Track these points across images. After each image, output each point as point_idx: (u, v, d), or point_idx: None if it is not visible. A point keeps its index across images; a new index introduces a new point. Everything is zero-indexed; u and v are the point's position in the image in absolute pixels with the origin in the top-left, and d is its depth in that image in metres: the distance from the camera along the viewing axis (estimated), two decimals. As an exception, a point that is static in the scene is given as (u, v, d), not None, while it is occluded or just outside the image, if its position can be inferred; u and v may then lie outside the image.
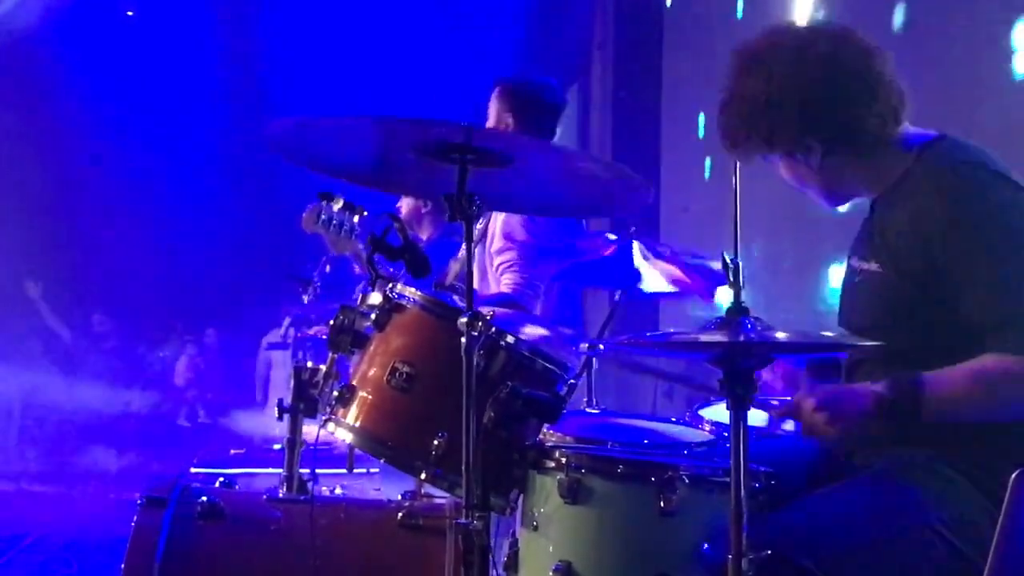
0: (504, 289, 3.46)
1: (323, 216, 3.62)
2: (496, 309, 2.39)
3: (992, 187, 2.11)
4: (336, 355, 2.41)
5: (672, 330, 2.08)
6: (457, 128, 2.07)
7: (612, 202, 2.42)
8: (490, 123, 3.72)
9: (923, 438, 2.10)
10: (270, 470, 4.56)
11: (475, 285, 3.62)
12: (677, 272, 3.46)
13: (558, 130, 3.89)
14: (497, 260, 3.58)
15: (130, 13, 10.99)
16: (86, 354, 11.12)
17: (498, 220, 3.65)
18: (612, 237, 3.48)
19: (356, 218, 3.66)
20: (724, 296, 2.06)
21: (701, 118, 7.43)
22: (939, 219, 2.10)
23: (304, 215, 3.66)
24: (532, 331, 2.73)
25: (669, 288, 3.48)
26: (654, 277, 3.45)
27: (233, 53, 10.92)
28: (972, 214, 2.08)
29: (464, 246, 3.54)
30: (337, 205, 3.56)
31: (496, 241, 3.61)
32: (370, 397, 2.27)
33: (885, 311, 2.21)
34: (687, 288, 3.51)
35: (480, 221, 3.72)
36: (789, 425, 2.65)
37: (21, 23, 9.45)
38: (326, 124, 2.22)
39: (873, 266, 2.25)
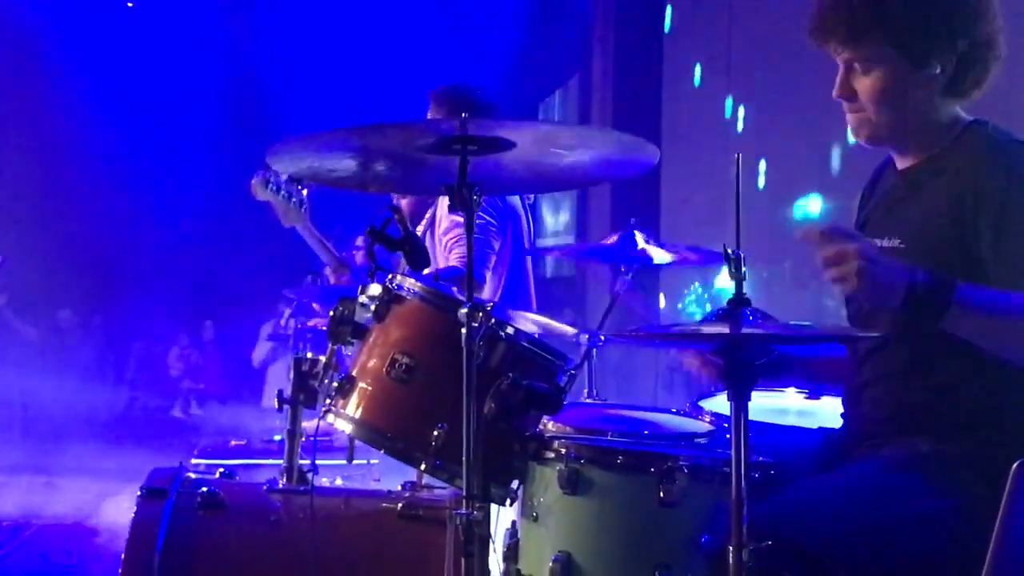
0: (453, 263, 3.53)
1: (271, 184, 3.64)
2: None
3: None
4: (336, 346, 2.41)
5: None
6: (452, 124, 2.07)
7: (615, 169, 2.39)
8: None
9: (926, 427, 2.10)
10: (270, 461, 4.57)
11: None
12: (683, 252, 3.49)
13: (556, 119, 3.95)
14: (446, 239, 3.66)
15: (130, 4, 10.97)
16: (80, 348, 11.14)
17: (443, 205, 3.72)
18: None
19: (304, 191, 3.68)
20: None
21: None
22: (986, 195, 2.03)
23: (253, 182, 3.68)
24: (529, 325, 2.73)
25: (672, 258, 3.50)
26: (660, 253, 3.47)
27: (234, 45, 10.91)
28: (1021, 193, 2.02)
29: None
30: (284, 175, 3.58)
31: (444, 222, 3.70)
32: (370, 388, 2.26)
33: None
34: (692, 260, 3.54)
35: (429, 210, 3.83)
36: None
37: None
38: (323, 139, 2.21)
39: (894, 242, 2.18)
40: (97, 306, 11.37)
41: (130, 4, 11.00)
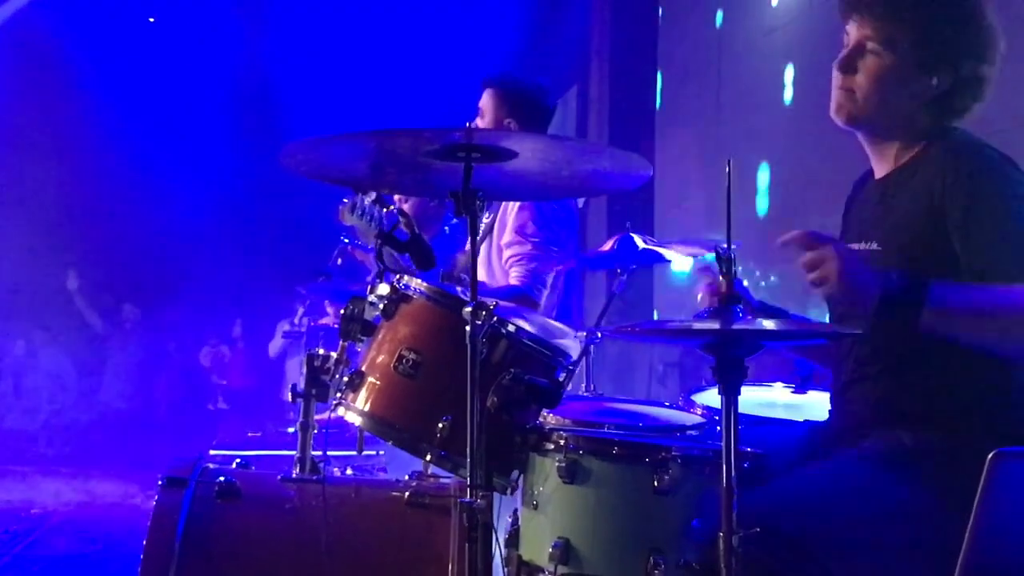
0: (513, 282, 3.44)
1: (358, 208, 3.62)
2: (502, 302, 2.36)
3: (1012, 173, 2.08)
4: (347, 342, 2.40)
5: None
6: (459, 132, 2.06)
7: (611, 182, 2.39)
8: (487, 123, 3.65)
9: (909, 421, 2.10)
10: (285, 452, 4.56)
11: (481, 276, 3.61)
12: (687, 249, 3.46)
13: (555, 129, 3.86)
14: (507, 253, 3.54)
15: (152, 20, 10.99)
16: (113, 342, 11.16)
17: (510, 214, 3.61)
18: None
19: (385, 212, 3.65)
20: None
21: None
22: (955, 190, 2.03)
23: (341, 207, 3.65)
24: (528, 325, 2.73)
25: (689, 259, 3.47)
26: (673, 256, 3.44)
27: (250, 58, 10.94)
28: (990, 192, 2.03)
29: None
30: (370, 198, 3.54)
31: (507, 235, 3.58)
32: (378, 383, 2.26)
33: None
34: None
35: (487, 215, 3.71)
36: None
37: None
38: (335, 142, 2.20)
39: (872, 246, 2.18)
40: (127, 302, 11.40)
41: (151, 20, 11.01)
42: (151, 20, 11.00)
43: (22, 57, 9.79)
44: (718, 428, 1.86)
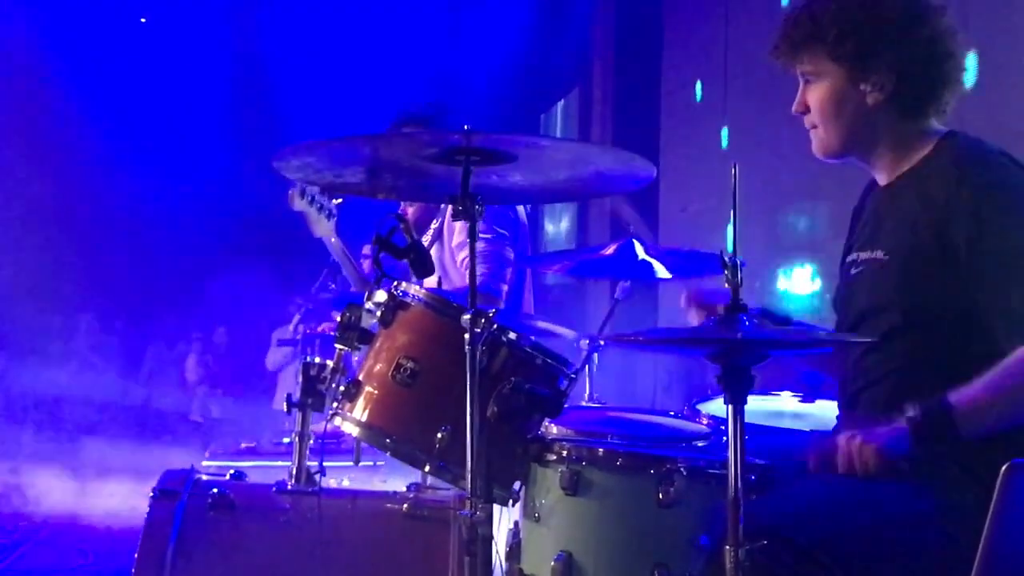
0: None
1: (307, 195, 3.67)
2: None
3: (1018, 175, 2.08)
4: (343, 351, 2.41)
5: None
6: (456, 134, 2.07)
7: (613, 184, 2.39)
8: None
9: None
10: (279, 463, 4.56)
11: (433, 281, 3.64)
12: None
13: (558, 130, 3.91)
14: (461, 254, 3.59)
15: (143, 20, 11.01)
16: (98, 349, 11.15)
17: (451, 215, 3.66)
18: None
19: (334, 202, 3.71)
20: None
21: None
22: (962, 202, 2.03)
23: (290, 192, 3.71)
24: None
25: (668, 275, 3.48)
26: (662, 267, 3.45)
27: (244, 56, 10.96)
28: (999, 200, 2.03)
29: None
30: (316, 189, 3.60)
31: (456, 236, 3.64)
32: (376, 392, 2.26)
33: (883, 295, 2.16)
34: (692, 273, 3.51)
35: (435, 220, 3.79)
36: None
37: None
38: (330, 146, 2.21)
39: (877, 254, 2.19)
40: (115, 310, 11.41)
41: (143, 20, 11.03)
42: (143, 20, 11.02)
43: (4, 58, 9.81)
44: (724, 439, 1.86)
